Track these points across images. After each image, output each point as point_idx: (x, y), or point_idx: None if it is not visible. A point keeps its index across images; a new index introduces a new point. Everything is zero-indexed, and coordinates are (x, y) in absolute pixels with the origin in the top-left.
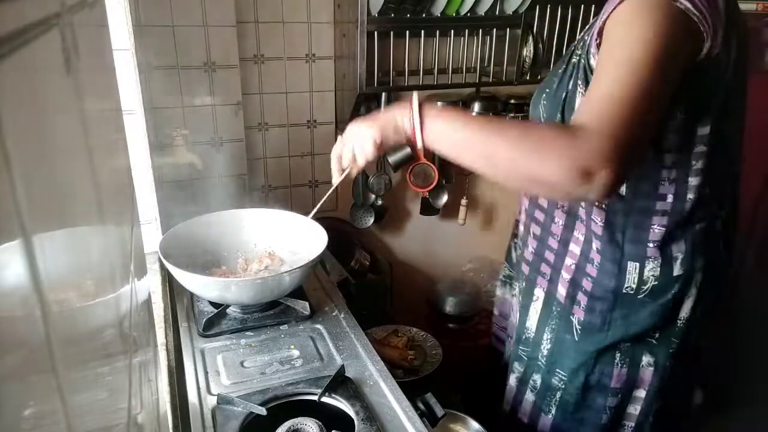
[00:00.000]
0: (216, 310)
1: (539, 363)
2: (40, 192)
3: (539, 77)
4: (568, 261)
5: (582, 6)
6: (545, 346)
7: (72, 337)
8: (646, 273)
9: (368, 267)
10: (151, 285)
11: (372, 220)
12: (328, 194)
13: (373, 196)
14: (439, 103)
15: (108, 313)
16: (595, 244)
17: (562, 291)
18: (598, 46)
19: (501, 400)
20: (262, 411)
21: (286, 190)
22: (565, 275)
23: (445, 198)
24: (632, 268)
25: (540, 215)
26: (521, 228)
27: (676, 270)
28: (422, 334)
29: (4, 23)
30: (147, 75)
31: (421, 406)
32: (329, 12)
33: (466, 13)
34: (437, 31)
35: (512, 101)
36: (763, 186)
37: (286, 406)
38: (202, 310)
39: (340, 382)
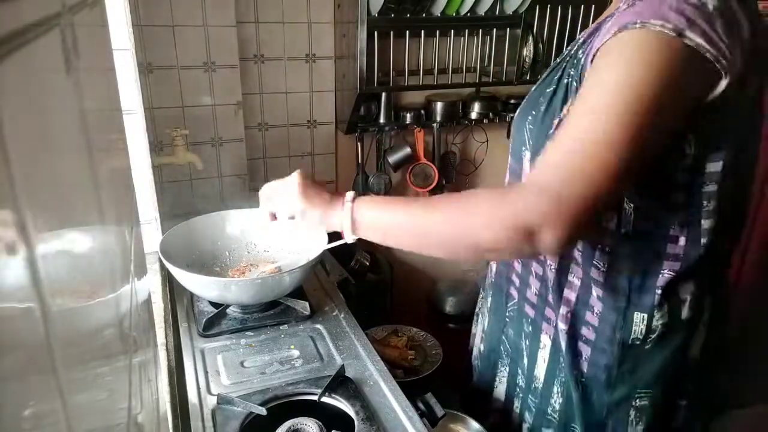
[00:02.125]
0: (216, 310)
1: (550, 417)
2: (40, 192)
3: (539, 77)
4: (563, 309)
5: (582, 6)
6: (556, 400)
7: (72, 338)
8: (654, 322)
9: (368, 267)
10: (151, 285)
11: None
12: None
13: None
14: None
15: (108, 313)
16: (595, 291)
17: (562, 342)
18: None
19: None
20: (262, 411)
21: None
22: (561, 325)
23: None
24: (639, 319)
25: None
26: (517, 264)
27: (685, 313)
28: (422, 334)
29: (4, 23)
30: (147, 75)
31: (421, 406)
32: (329, 12)
33: (466, 13)
34: (437, 31)
35: (512, 101)
36: (763, 186)
37: (286, 406)
38: (202, 310)
39: (340, 382)
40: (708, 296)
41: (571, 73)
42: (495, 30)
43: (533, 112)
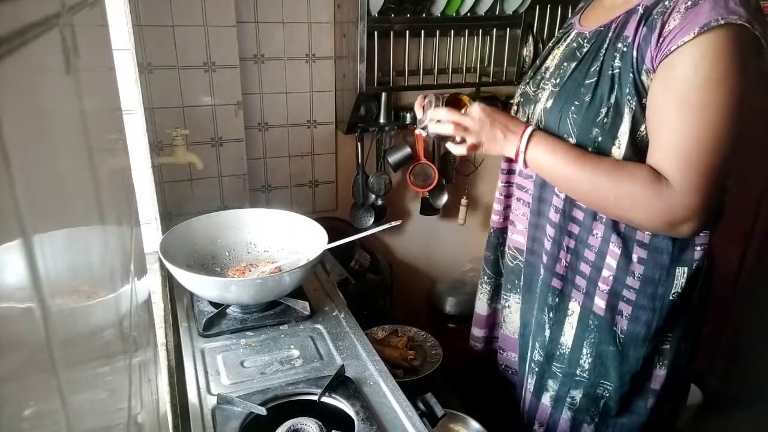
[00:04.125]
0: (216, 310)
1: (579, 378)
2: (40, 192)
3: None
4: (606, 273)
5: None
6: (586, 360)
7: (72, 337)
8: (690, 275)
9: (368, 267)
10: (151, 285)
11: (372, 220)
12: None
13: (373, 196)
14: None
15: (108, 313)
16: (637, 254)
17: (600, 303)
18: (656, 67)
19: (514, 415)
20: (262, 411)
21: (286, 190)
22: (603, 287)
23: (445, 198)
24: (680, 273)
25: (575, 228)
26: (549, 245)
27: (703, 264)
28: (422, 334)
29: (4, 23)
30: (147, 75)
31: (421, 406)
32: (329, 12)
33: (466, 13)
34: (437, 31)
35: (512, 101)
36: (763, 186)
37: (286, 406)
38: (202, 310)
39: (340, 382)
40: (708, 246)
41: (617, 65)
42: (495, 30)
43: (576, 102)
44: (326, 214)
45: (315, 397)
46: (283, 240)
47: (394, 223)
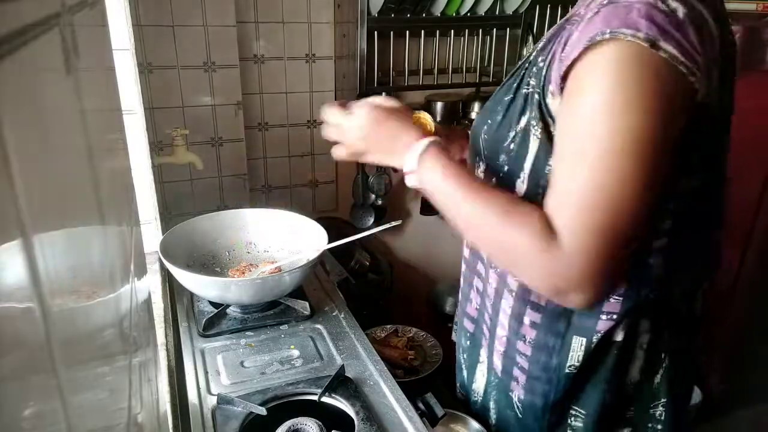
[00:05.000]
0: (216, 310)
1: (493, 428)
2: (40, 192)
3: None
4: (499, 332)
5: None
6: (492, 415)
7: (72, 337)
8: (591, 347)
9: (368, 267)
10: (151, 285)
11: (372, 220)
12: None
13: (373, 196)
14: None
15: (108, 312)
16: (529, 317)
17: (498, 363)
18: (561, 89)
19: None
20: (262, 411)
21: (286, 190)
22: (499, 347)
23: None
24: (577, 343)
25: (481, 268)
26: (461, 279)
27: (619, 336)
28: (422, 334)
29: (4, 23)
30: (147, 75)
31: (421, 406)
32: (329, 12)
33: (466, 13)
34: (437, 31)
35: None
36: (763, 187)
37: (286, 406)
38: (202, 310)
39: (340, 382)
40: (644, 320)
41: (531, 82)
42: (495, 30)
43: (489, 121)
44: (326, 214)
45: (315, 397)
46: (283, 240)
47: (394, 223)
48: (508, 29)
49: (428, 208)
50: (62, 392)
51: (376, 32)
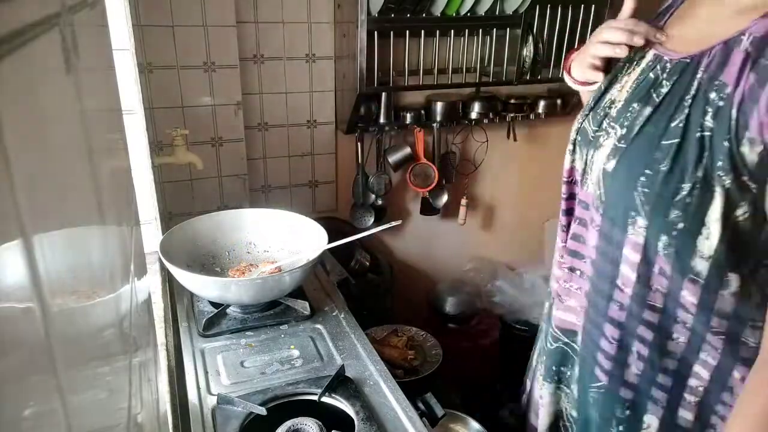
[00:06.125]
0: (216, 310)
1: None
2: (40, 192)
3: (539, 77)
4: (693, 382)
5: (582, 6)
6: None
7: (72, 337)
8: None
9: (368, 267)
10: (151, 285)
11: (372, 220)
12: None
13: (373, 196)
14: None
15: (108, 312)
16: (738, 372)
17: (688, 416)
18: (764, 138)
19: None
20: (262, 411)
21: (286, 190)
22: (691, 399)
23: (445, 198)
24: None
25: (648, 333)
26: (608, 345)
27: None
28: (422, 334)
29: (4, 23)
30: (147, 75)
31: (421, 406)
32: (329, 12)
33: (466, 13)
34: (437, 31)
35: (512, 101)
36: None
37: (286, 406)
38: (202, 310)
39: (340, 382)
40: None
41: (707, 124)
42: (495, 30)
43: (648, 171)
44: (326, 214)
45: (315, 397)
46: (283, 240)
47: (394, 223)
48: (508, 29)
49: (428, 208)
50: (62, 392)
51: (376, 32)
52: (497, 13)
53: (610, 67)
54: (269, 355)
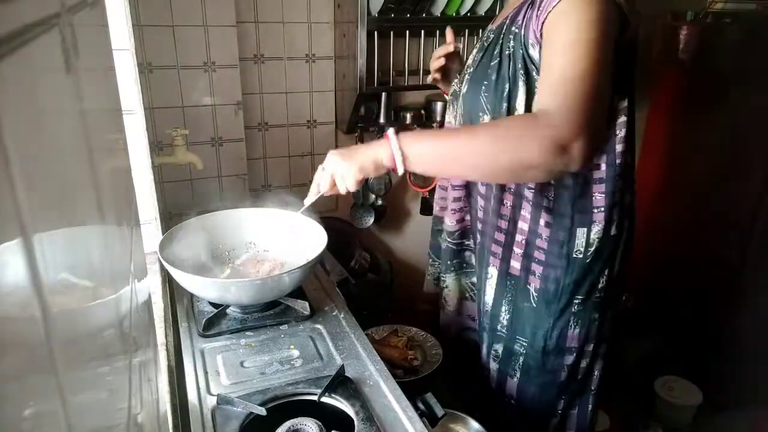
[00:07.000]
0: (216, 310)
1: (500, 333)
2: (40, 192)
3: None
4: (518, 237)
5: None
6: (504, 317)
7: (72, 338)
8: (591, 236)
9: (368, 267)
10: (151, 285)
11: (372, 219)
12: (303, 208)
13: (373, 196)
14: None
15: (108, 313)
16: (544, 219)
17: (516, 265)
18: (539, 38)
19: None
20: (262, 411)
21: (286, 190)
22: (517, 250)
23: None
24: (580, 233)
25: (483, 203)
26: (457, 219)
27: (613, 230)
28: (422, 334)
29: (4, 23)
30: (147, 75)
31: (421, 406)
32: (329, 12)
33: (466, 13)
34: (437, 31)
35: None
36: (763, 186)
37: (286, 406)
38: (202, 310)
39: (340, 382)
40: (626, 219)
41: (511, 45)
42: None
43: (485, 83)
44: (326, 214)
45: (315, 397)
46: (283, 240)
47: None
48: None
49: (428, 208)
50: (62, 392)
51: (376, 32)
52: (497, 13)
53: (451, 75)
54: (269, 355)
